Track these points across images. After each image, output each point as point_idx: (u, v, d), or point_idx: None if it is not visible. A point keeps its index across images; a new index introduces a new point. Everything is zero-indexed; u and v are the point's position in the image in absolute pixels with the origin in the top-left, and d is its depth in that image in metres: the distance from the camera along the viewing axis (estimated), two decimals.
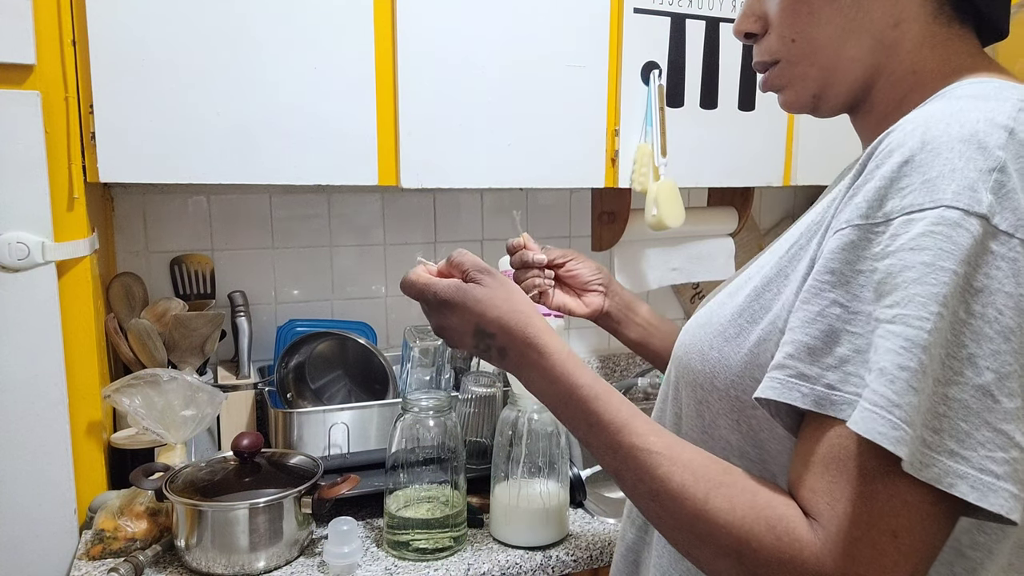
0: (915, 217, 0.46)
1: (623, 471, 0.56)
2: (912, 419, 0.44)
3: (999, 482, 0.44)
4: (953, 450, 0.44)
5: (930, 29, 0.59)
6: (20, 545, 1.06)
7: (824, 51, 0.62)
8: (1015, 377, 0.45)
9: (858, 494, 0.46)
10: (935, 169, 0.47)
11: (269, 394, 1.36)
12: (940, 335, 0.44)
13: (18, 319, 1.04)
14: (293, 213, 1.56)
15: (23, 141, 1.02)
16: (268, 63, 1.16)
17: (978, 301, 0.45)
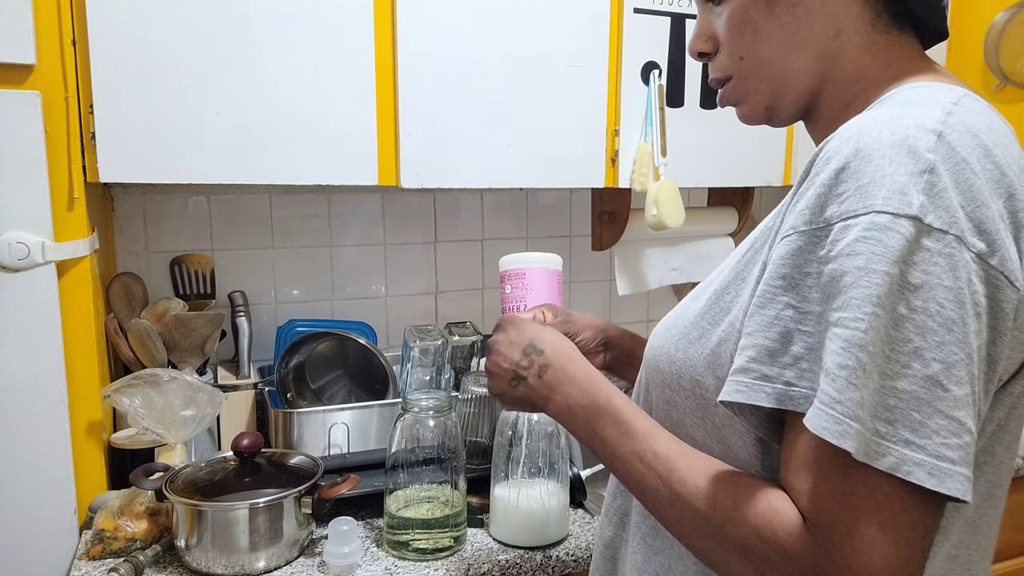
0: (850, 223, 0.49)
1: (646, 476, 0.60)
2: (855, 413, 0.47)
3: (955, 467, 0.46)
4: (908, 439, 0.46)
5: (870, 37, 0.62)
6: (20, 545, 1.06)
7: (771, 66, 0.64)
8: (962, 365, 0.47)
9: (838, 491, 0.48)
10: (867, 175, 0.49)
11: (269, 394, 1.36)
12: (878, 333, 0.47)
13: (18, 319, 1.04)
14: (293, 213, 1.56)
15: (23, 141, 1.02)
16: (268, 63, 1.16)
17: (918, 297, 0.47)
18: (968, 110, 0.53)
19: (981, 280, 0.48)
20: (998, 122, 0.56)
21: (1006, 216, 0.50)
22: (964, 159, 0.49)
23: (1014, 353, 0.53)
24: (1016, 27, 1.63)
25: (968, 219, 0.48)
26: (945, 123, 0.51)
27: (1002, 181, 0.50)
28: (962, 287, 0.47)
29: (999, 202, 0.50)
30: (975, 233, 0.48)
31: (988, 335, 0.49)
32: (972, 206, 0.48)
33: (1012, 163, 0.52)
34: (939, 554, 0.58)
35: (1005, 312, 0.49)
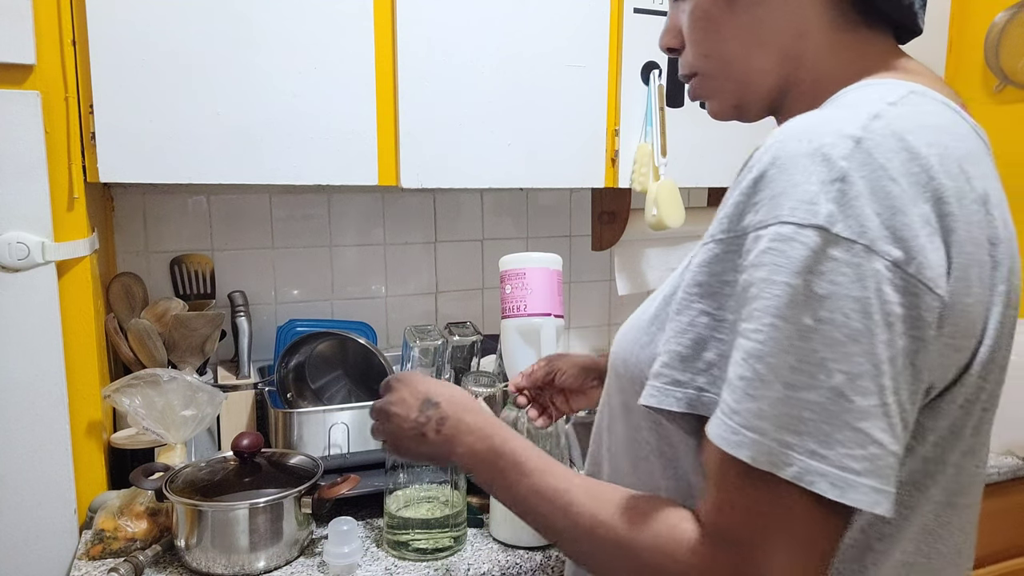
0: (760, 234, 0.49)
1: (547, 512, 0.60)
2: (752, 424, 0.47)
3: (859, 478, 0.46)
4: (814, 450, 0.46)
5: (834, 36, 0.60)
6: (20, 545, 1.06)
7: (734, 64, 0.64)
8: (868, 377, 0.46)
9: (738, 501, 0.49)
10: (780, 185, 0.49)
11: (269, 394, 1.36)
12: (778, 344, 0.47)
13: (18, 319, 1.04)
14: (293, 213, 1.56)
15: (23, 141, 1.02)
16: (268, 63, 1.16)
17: (824, 307, 0.46)
18: (907, 109, 0.52)
19: (896, 289, 0.47)
20: (945, 120, 0.54)
21: (933, 220, 0.48)
22: (882, 165, 0.48)
23: (947, 361, 0.51)
24: (1016, 27, 1.63)
25: (884, 227, 0.47)
26: (867, 128, 0.49)
27: (929, 184, 0.48)
28: (869, 297, 0.46)
29: (924, 206, 0.48)
30: (890, 241, 0.47)
31: (908, 344, 0.47)
32: (889, 213, 0.47)
33: (948, 164, 0.50)
34: (887, 562, 0.57)
35: (925, 320, 0.48)
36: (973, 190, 0.51)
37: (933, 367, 0.50)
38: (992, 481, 1.39)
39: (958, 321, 0.50)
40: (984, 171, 0.54)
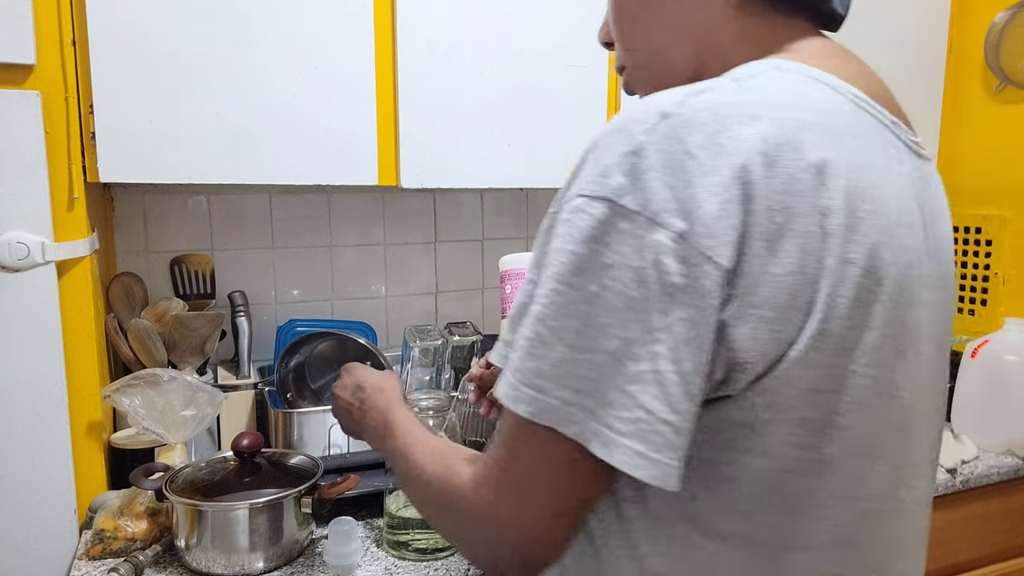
0: (563, 207, 0.52)
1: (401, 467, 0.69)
2: (531, 381, 0.50)
3: (622, 439, 0.48)
4: (591, 409, 0.49)
5: (742, 23, 0.60)
6: (20, 545, 1.06)
7: (656, 57, 0.65)
8: (640, 344, 0.48)
9: (509, 451, 0.53)
10: (588, 161, 0.51)
11: (269, 394, 1.36)
12: (562, 308, 0.50)
13: (18, 319, 1.04)
14: (293, 213, 1.56)
15: (23, 141, 1.02)
16: (268, 63, 1.16)
17: (608, 276, 0.48)
18: (750, 84, 0.52)
19: (678, 259, 0.47)
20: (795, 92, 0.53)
21: (734, 188, 0.47)
22: (681, 139, 0.48)
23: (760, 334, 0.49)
24: (1016, 27, 1.63)
25: (674, 199, 0.47)
26: (682, 103, 0.50)
27: (734, 155, 0.48)
28: (646, 267, 0.47)
29: (723, 176, 0.47)
30: (677, 213, 0.47)
31: (691, 314, 0.47)
32: (681, 185, 0.47)
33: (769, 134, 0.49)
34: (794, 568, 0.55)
35: (705, 289, 0.47)
36: (802, 159, 0.49)
37: (741, 340, 0.49)
38: (992, 481, 1.39)
39: (765, 292, 0.48)
40: (833, 141, 0.51)
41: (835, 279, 0.50)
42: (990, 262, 1.69)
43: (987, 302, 1.71)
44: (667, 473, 0.48)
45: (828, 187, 0.49)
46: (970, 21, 1.72)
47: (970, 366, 1.48)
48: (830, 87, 0.54)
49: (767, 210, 0.48)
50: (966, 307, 1.76)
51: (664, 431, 0.48)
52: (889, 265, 0.52)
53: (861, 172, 0.52)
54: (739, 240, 0.48)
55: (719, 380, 0.51)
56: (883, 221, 0.52)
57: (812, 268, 0.49)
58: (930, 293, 0.58)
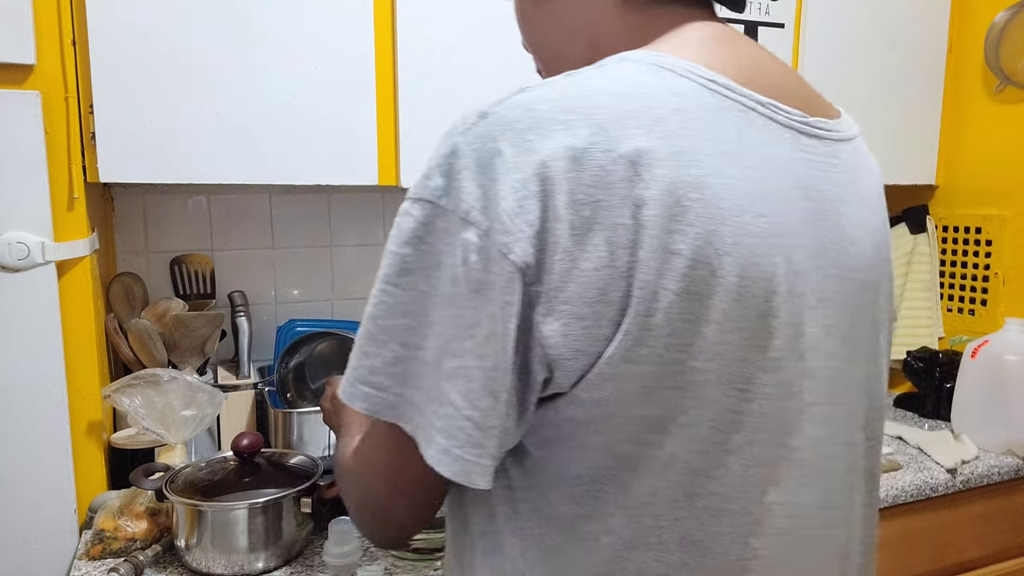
0: None
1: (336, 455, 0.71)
2: (366, 378, 0.52)
3: (435, 435, 0.50)
4: (419, 405, 0.51)
5: (624, 17, 0.60)
6: (20, 545, 1.06)
7: (555, 56, 0.66)
8: (454, 340, 0.49)
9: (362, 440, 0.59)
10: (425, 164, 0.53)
11: (269, 394, 1.36)
12: (389, 308, 0.51)
13: (18, 319, 1.04)
14: (293, 213, 1.56)
15: (23, 141, 1.02)
16: (268, 63, 1.16)
17: (435, 275, 0.50)
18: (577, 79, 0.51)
19: (482, 256, 0.47)
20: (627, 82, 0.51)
21: (533, 184, 0.47)
22: (493, 137, 0.48)
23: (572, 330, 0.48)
24: (1016, 27, 1.63)
25: (483, 197, 0.48)
26: (502, 102, 0.50)
27: (541, 152, 0.47)
28: (457, 265, 0.48)
29: (524, 172, 0.47)
30: (482, 211, 0.48)
31: (497, 311, 0.48)
32: (489, 183, 0.48)
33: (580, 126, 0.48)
34: None
35: (500, 285, 0.47)
36: (613, 150, 0.47)
37: (553, 336, 0.48)
38: (993, 481, 1.39)
39: (575, 288, 0.47)
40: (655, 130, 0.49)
41: (655, 272, 0.47)
42: (990, 262, 1.69)
43: (987, 302, 1.71)
44: (469, 470, 0.49)
45: (643, 177, 0.47)
46: (970, 21, 1.72)
47: (970, 366, 1.48)
48: (675, 73, 0.52)
49: (573, 204, 0.47)
50: (966, 307, 1.76)
51: (467, 427, 0.49)
52: (727, 255, 0.49)
53: (690, 159, 0.49)
54: (537, 236, 0.47)
55: (546, 379, 0.50)
56: (718, 209, 0.49)
57: (624, 261, 0.47)
58: (824, 285, 0.55)
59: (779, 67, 0.59)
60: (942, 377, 1.61)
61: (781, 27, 1.54)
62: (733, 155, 0.51)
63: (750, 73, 0.55)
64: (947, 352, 1.65)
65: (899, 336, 1.79)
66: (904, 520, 1.33)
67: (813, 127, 0.57)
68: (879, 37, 1.64)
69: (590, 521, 0.52)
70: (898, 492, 1.30)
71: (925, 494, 1.32)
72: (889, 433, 1.53)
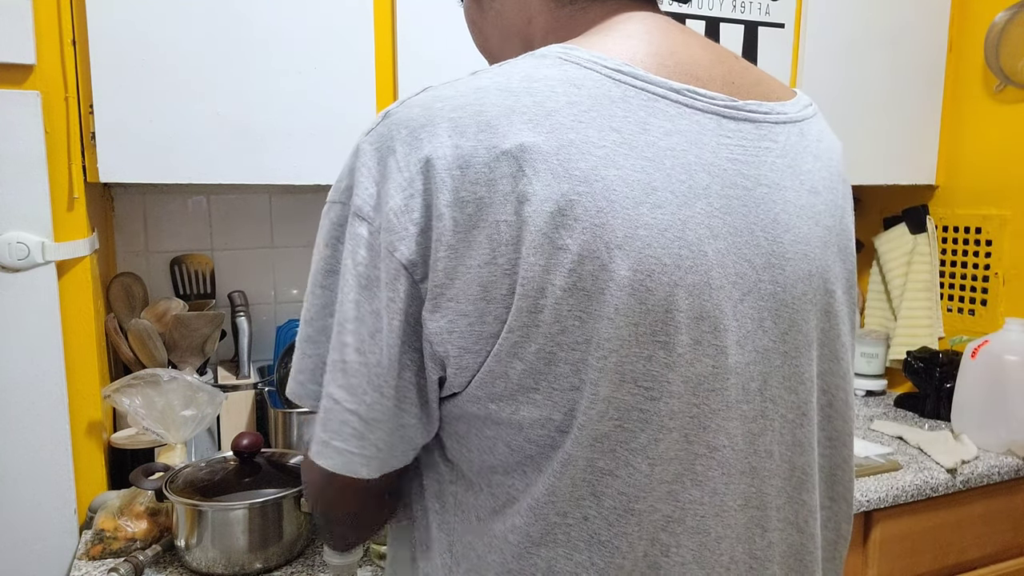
0: None
1: None
2: (309, 378, 0.54)
3: (317, 429, 0.52)
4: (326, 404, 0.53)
5: (556, 15, 0.60)
6: (20, 545, 1.06)
7: (494, 54, 0.68)
8: (336, 334, 0.51)
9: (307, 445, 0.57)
10: None
11: (269, 394, 1.36)
12: (318, 309, 0.53)
13: (18, 319, 1.04)
14: (293, 213, 1.56)
15: (23, 141, 1.02)
16: (268, 63, 1.16)
17: (351, 273, 0.51)
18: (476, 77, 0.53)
19: (370, 252, 0.50)
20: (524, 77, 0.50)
21: (418, 182, 0.48)
22: (390, 136, 0.50)
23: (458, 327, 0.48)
24: (1016, 27, 1.63)
25: (376, 195, 0.49)
26: (404, 101, 0.52)
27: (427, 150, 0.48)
28: (347, 259, 0.51)
29: (410, 172, 0.48)
30: (374, 208, 0.49)
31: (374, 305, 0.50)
32: (382, 181, 0.49)
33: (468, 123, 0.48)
34: None
35: (383, 281, 0.49)
36: (497, 147, 0.47)
37: (438, 333, 0.48)
38: (993, 481, 1.39)
39: (459, 285, 0.47)
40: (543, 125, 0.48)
41: (541, 268, 0.46)
42: (990, 262, 1.69)
43: (987, 302, 1.70)
44: (351, 461, 0.51)
45: (527, 173, 0.47)
46: (970, 21, 1.72)
47: (970, 366, 1.48)
48: (579, 65, 0.51)
49: (457, 202, 0.47)
50: (966, 307, 1.76)
51: (350, 420, 0.51)
52: (618, 248, 0.47)
53: (579, 152, 0.47)
54: (421, 234, 0.48)
55: (440, 377, 0.51)
56: (608, 202, 0.47)
57: (507, 258, 0.47)
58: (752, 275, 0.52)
59: (710, 54, 0.57)
60: (942, 377, 1.61)
61: (781, 27, 1.54)
62: (629, 146, 0.49)
63: (669, 61, 0.53)
64: (947, 352, 1.65)
65: (899, 336, 1.79)
66: (904, 520, 1.33)
67: (742, 110, 0.54)
68: (879, 37, 1.64)
69: (502, 515, 0.53)
70: (898, 492, 1.29)
71: (925, 494, 1.32)
72: (889, 433, 1.53)
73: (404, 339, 0.49)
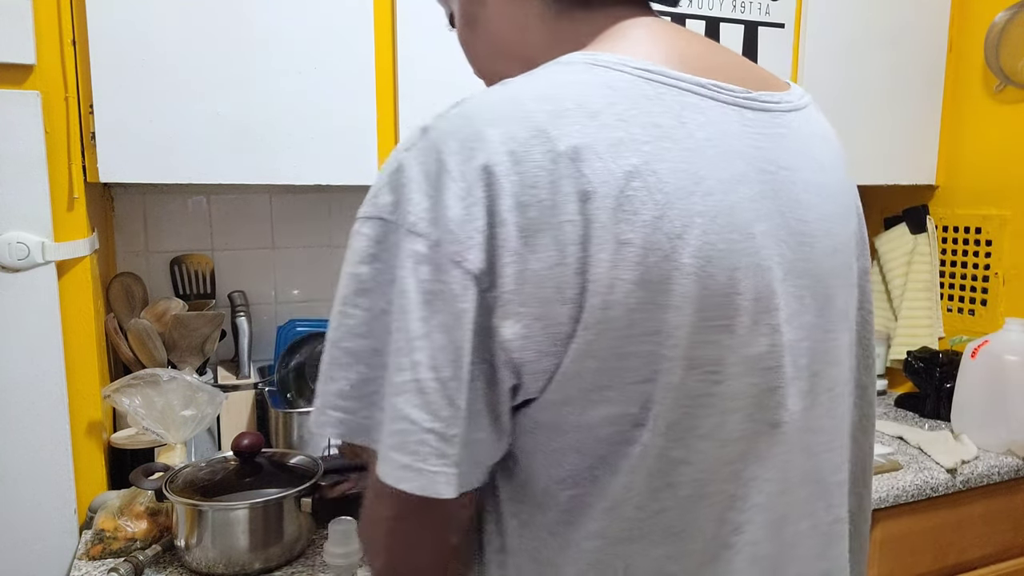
0: None
1: None
2: (335, 403, 0.51)
3: (390, 452, 0.49)
4: (381, 423, 0.50)
5: (551, 26, 0.60)
6: (20, 545, 1.06)
7: (491, 75, 0.67)
8: (403, 353, 0.48)
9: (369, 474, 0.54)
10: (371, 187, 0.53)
11: (269, 394, 1.36)
12: (349, 330, 0.50)
13: (18, 319, 1.04)
14: (293, 213, 1.56)
15: (23, 141, 1.02)
16: (268, 63, 1.16)
17: (392, 291, 0.49)
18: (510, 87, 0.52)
19: (432, 267, 0.47)
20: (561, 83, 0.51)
21: (478, 191, 0.47)
22: (438, 149, 0.49)
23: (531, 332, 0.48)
24: (1016, 27, 1.63)
25: (430, 209, 0.48)
26: (442, 115, 0.51)
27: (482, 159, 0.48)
28: (407, 277, 0.48)
29: (468, 181, 0.48)
30: (430, 223, 0.48)
31: (448, 320, 0.48)
32: (436, 194, 0.48)
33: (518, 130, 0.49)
34: None
35: (453, 293, 0.47)
36: (553, 149, 0.48)
37: (514, 340, 0.48)
38: (993, 481, 1.39)
39: (530, 289, 0.48)
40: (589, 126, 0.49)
41: (608, 264, 0.47)
42: (990, 262, 1.69)
43: (987, 302, 1.70)
44: (434, 481, 0.48)
45: (584, 173, 0.48)
46: (970, 21, 1.72)
47: (970, 366, 1.48)
48: (609, 68, 0.52)
49: (519, 207, 0.47)
50: (966, 307, 1.76)
51: (428, 439, 0.48)
52: (678, 238, 0.49)
53: (629, 150, 0.49)
54: (486, 242, 0.47)
55: (514, 385, 0.50)
56: (663, 195, 0.49)
57: (576, 257, 0.47)
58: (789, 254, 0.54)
59: (718, 52, 0.59)
60: (942, 377, 1.61)
61: (781, 27, 1.54)
62: (671, 139, 0.50)
63: (686, 58, 0.55)
64: (947, 352, 1.65)
65: (899, 336, 1.79)
66: (905, 520, 1.33)
67: (757, 100, 0.57)
68: (879, 37, 1.64)
69: (575, 525, 0.53)
70: (899, 492, 1.29)
71: (925, 494, 1.32)
72: (889, 433, 1.53)
73: (474, 351, 0.48)
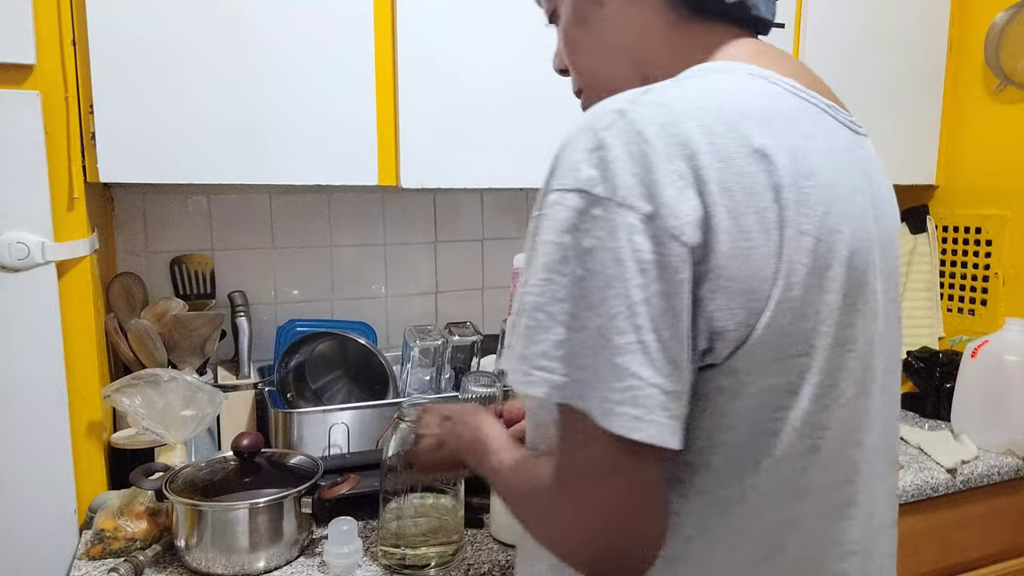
0: (542, 203, 0.57)
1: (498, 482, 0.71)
2: (540, 364, 0.54)
3: (619, 407, 0.52)
4: (590, 383, 0.53)
5: (671, 34, 0.66)
6: (20, 545, 1.06)
7: (598, 76, 0.71)
8: (622, 317, 0.52)
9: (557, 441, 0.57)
10: (561, 159, 0.56)
11: (269, 394, 1.36)
12: (554, 295, 0.54)
13: (18, 319, 1.04)
14: (293, 213, 1.56)
15: (23, 141, 1.02)
16: (268, 63, 1.16)
17: (591, 260, 0.53)
18: (691, 83, 0.58)
19: (648, 238, 0.52)
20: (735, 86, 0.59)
21: (688, 174, 0.53)
22: (639, 131, 0.53)
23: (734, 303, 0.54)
24: (1016, 27, 1.63)
25: (639, 184, 0.52)
26: (634, 100, 0.55)
27: (686, 144, 0.53)
28: (622, 247, 0.52)
29: (678, 164, 0.53)
30: (643, 196, 0.52)
31: (664, 287, 0.52)
32: (644, 172, 0.52)
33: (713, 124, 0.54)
34: None
35: (674, 265, 0.52)
36: (747, 145, 0.55)
37: (719, 311, 0.54)
38: (992, 481, 1.39)
39: (736, 266, 0.53)
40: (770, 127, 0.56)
41: (792, 248, 0.55)
42: (990, 262, 1.69)
43: (987, 302, 1.70)
44: (663, 431, 0.52)
45: (777, 168, 0.55)
46: (970, 21, 1.72)
47: (970, 366, 1.48)
48: (768, 80, 0.60)
49: (726, 191, 0.53)
50: (966, 307, 1.76)
51: (654, 394, 0.52)
52: (838, 233, 0.58)
53: (799, 152, 0.57)
54: (702, 220, 0.53)
55: (704, 349, 0.55)
56: (826, 194, 0.57)
57: (775, 240, 0.54)
58: (878, 252, 0.63)
59: (808, 70, 0.67)
60: (942, 377, 1.61)
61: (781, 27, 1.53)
62: (818, 149, 0.59)
63: (803, 80, 0.63)
64: (947, 352, 1.65)
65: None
66: (905, 520, 1.32)
67: (854, 124, 0.67)
68: (879, 37, 1.64)
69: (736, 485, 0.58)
70: (899, 492, 1.29)
71: (926, 494, 1.32)
72: None
73: (688, 315, 0.53)
